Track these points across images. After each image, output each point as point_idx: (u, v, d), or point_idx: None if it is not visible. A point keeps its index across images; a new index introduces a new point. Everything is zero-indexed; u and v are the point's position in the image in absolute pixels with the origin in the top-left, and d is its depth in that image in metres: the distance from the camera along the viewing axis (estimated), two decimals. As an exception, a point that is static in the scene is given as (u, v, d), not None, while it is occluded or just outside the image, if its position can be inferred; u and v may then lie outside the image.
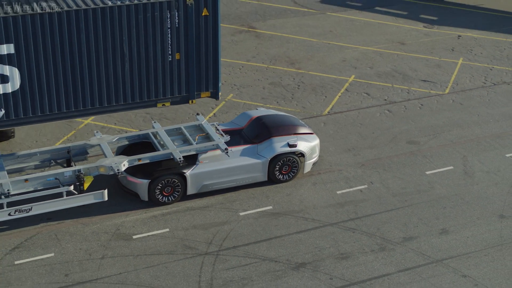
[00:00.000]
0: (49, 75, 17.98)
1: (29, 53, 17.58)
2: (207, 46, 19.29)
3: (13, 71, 17.63)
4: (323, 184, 20.07)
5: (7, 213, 17.48)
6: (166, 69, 19.13)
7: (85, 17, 17.73)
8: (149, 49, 18.69)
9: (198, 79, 19.56)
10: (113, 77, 18.64)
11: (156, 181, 18.67)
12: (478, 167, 20.96)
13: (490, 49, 28.82)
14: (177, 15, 18.60)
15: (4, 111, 17.94)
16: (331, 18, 31.67)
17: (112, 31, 18.12)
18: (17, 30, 17.26)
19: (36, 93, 18.06)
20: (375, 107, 24.20)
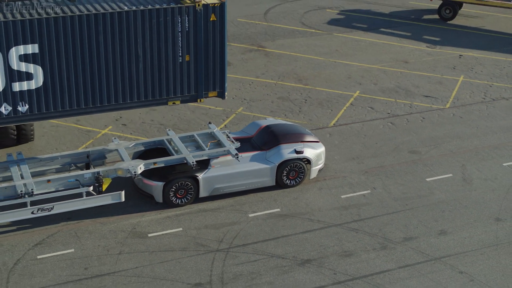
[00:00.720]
0: (69, 73, 19.46)
1: (52, 53, 19.07)
2: (214, 49, 20.72)
3: (37, 69, 19.09)
4: (328, 189, 21.14)
5: (30, 212, 18.61)
6: (177, 70, 20.57)
7: (103, 21, 19.26)
8: (161, 51, 20.17)
9: (206, 79, 20.96)
10: (128, 76, 20.09)
11: (171, 184, 19.80)
12: (476, 175, 22.01)
13: (490, 68, 29.98)
14: (187, 20, 20.11)
15: (27, 106, 19.34)
16: (338, 39, 32.94)
17: (127, 33, 19.64)
18: (41, 31, 18.74)
19: (58, 90, 19.51)
20: (379, 120, 25.33)
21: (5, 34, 18.43)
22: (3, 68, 18.70)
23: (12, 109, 19.22)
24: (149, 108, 25.73)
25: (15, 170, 19.25)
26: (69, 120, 24.92)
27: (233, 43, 32.06)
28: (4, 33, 18.40)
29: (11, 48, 18.61)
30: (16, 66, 18.81)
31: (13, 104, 19.16)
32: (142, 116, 25.29)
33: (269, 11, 36.42)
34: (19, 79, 18.96)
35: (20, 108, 19.31)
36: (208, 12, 20.15)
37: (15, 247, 18.36)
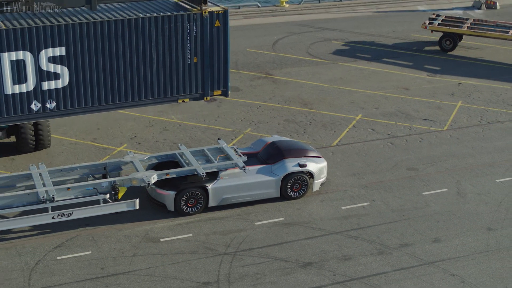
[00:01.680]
0: (92, 73, 22.07)
1: (77, 55, 21.72)
2: (218, 51, 23.35)
3: (63, 70, 21.73)
4: (329, 201, 22.47)
5: (51, 216, 20.00)
6: (186, 71, 23.19)
7: (122, 26, 21.91)
8: (172, 54, 22.81)
9: (212, 79, 23.54)
10: (143, 76, 22.72)
11: (182, 193, 21.19)
12: (470, 190, 23.29)
13: (487, 94, 31.41)
14: (195, 26, 22.79)
15: (55, 103, 21.88)
16: (342, 67, 34.52)
17: (143, 38, 22.31)
18: (68, 36, 21.37)
19: (82, 89, 22.15)
20: (379, 140, 26.72)
21: (36, 38, 21.05)
22: (34, 69, 21.34)
23: (41, 106, 21.87)
24: (162, 128, 27.30)
25: (38, 178, 20.70)
26: (86, 138, 26.47)
27: (242, 71, 33.69)
28: (36, 37, 21.02)
29: (41, 51, 21.27)
30: (45, 67, 21.49)
31: (42, 102, 21.81)
32: (156, 135, 26.79)
33: (277, 42, 38.10)
34: (47, 79, 21.64)
35: (48, 105, 21.98)
36: (213, 18, 22.89)
37: (37, 249, 19.72)
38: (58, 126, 27.33)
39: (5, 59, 21.03)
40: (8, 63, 21.09)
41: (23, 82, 21.48)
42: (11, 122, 22.22)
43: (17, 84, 21.42)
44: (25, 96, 21.69)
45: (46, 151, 25.27)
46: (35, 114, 21.92)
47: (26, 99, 21.76)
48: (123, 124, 27.76)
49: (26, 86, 21.60)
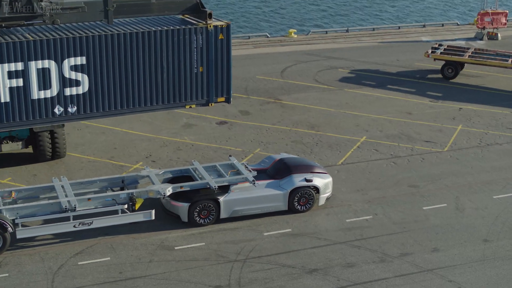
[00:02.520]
0: (109, 81, 24.53)
1: (96, 64, 24.18)
2: (222, 62, 25.78)
3: (83, 77, 24.21)
4: (334, 214, 23.74)
5: (73, 225, 21.35)
6: (193, 79, 25.64)
7: (136, 38, 24.47)
8: (180, 63, 25.31)
9: (216, 87, 25.95)
10: (154, 84, 25.19)
11: (195, 205, 22.51)
12: (468, 205, 24.52)
13: (487, 119, 32.75)
14: (201, 38, 25.29)
15: (76, 108, 24.20)
16: (348, 94, 35.97)
17: (155, 49, 24.81)
18: (88, 46, 23.80)
19: (100, 94, 24.55)
20: (382, 160, 28.05)
21: (60, 49, 23.50)
22: (57, 76, 23.78)
23: (63, 110, 24.26)
24: (176, 148, 28.71)
25: (60, 190, 22.10)
26: (104, 156, 27.90)
27: (252, 96, 35.18)
28: (59, 47, 23.47)
29: (64, 60, 23.76)
30: (67, 74, 23.97)
31: (64, 106, 24.19)
32: (170, 154, 28.19)
33: (286, 70, 39.64)
34: (69, 85, 24.13)
35: (70, 109, 24.41)
36: (217, 32, 25.36)
37: (59, 255, 21.04)
38: (77, 146, 28.79)
39: (32, 67, 23.57)
40: (35, 70, 23.60)
41: (48, 88, 24.04)
42: (37, 125, 24.65)
43: (42, 90, 24.00)
44: (49, 101, 24.23)
45: (66, 168, 26.67)
46: (58, 118, 24.42)
47: (50, 104, 24.26)
48: (138, 144, 29.18)
49: (51, 92, 24.17)
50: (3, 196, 21.99)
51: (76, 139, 29.52)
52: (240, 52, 43.19)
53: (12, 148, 26.36)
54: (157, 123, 31.48)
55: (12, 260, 20.70)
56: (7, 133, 25.94)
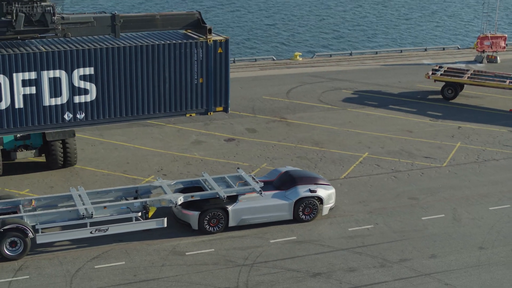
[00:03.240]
0: (115, 90, 26.35)
1: (103, 74, 26.02)
2: (220, 74, 27.54)
3: (91, 87, 26.05)
4: (337, 224, 24.96)
5: (89, 231, 22.62)
6: (193, 89, 27.38)
7: (140, 51, 26.34)
8: (181, 75, 27.09)
9: (215, 97, 27.68)
10: (157, 93, 26.96)
11: (205, 213, 23.77)
12: (465, 216, 25.72)
13: (485, 136, 34.02)
14: (201, 52, 27.16)
15: (84, 114, 25.93)
16: (351, 113, 37.31)
17: (158, 61, 26.59)
18: (96, 58, 25.66)
19: (106, 103, 26.36)
20: (383, 174, 29.30)
21: (70, 60, 25.39)
22: (67, 85, 25.61)
23: (72, 116, 25.97)
24: (186, 163, 30.02)
25: (78, 198, 23.41)
26: (117, 170, 29.21)
27: (258, 115, 36.54)
28: (70, 58, 25.37)
29: (74, 70, 25.58)
30: (77, 83, 25.82)
31: (73, 113, 25.98)
32: (180, 168, 29.49)
33: (291, 91, 41.03)
34: (78, 94, 25.97)
35: (78, 116, 26.14)
36: (216, 46, 27.24)
37: (76, 259, 22.27)
38: (91, 160, 30.13)
39: (44, 76, 25.36)
40: (46, 79, 25.41)
41: (59, 96, 25.78)
42: (48, 129, 26.49)
43: (53, 97, 25.71)
44: (59, 107, 25.91)
45: (81, 181, 27.96)
46: (67, 123, 26.16)
47: (60, 110, 25.93)
48: (150, 159, 30.50)
49: (61, 99, 25.84)
50: (24, 204, 23.31)
51: (90, 154, 30.86)
52: (247, 74, 44.70)
53: (26, 156, 28.32)
54: (168, 139, 32.83)
55: (32, 264, 21.94)
56: (22, 141, 28.00)
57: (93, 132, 33.24)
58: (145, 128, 34.04)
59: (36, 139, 28.23)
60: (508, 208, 26.51)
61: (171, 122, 34.79)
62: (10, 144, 28.05)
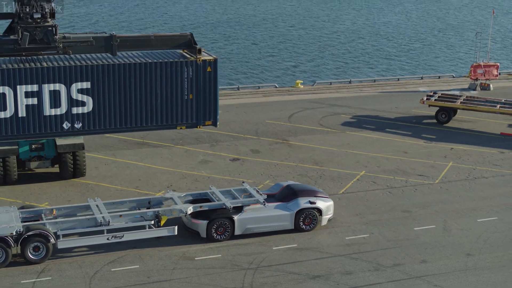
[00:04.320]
0: (110, 103, 29.03)
1: (99, 88, 28.76)
2: (209, 91, 29.96)
3: (88, 99, 28.72)
4: (335, 233, 26.86)
5: (106, 238, 24.54)
6: (183, 104, 29.82)
7: (134, 68, 28.91)
8: (173, 91, 29.63)
9: (204, 112, 30.01)
10: (150, 107, 29.46)
11: (213, 223, 25.69)
12: (455, 227, 27.62)
13: (476, 157, 36.02)
14: (191, 70, 29.73)
15: (81, 124, 28.52)
16: (349, 136, 39.36)
17: (150, 78, 29.19)
18: (93, 73, 28.39)
19: (102, 114, 29.03)
20: (379, 190, 31.26)
21: (69, 75, 28.05)
22: (66, 97, 28.33)
23: (70, 125, 28.61)
24: (194, 180, 32.00)
25: (95, 208, 25.38)
26: (130, 186, 31.19)
27: (262, 138, 38.59)
28: (69, 73, 28.04)
29: (73, 84, 28.30)
30: (75, 96, 28.57)
31: (71, 122, 28.64)
32: (188, 185, 31.46)
33: (293, 116, 43.14)
34: (76, 105, 28.72)
35: (76, 125, 28.92)
36: (206, 65, 29.78)
37: (94, 263, 24.17)
38: (105, 177, 32.12)
39: (45, 89, 28.08)
40: (47, 92, 28.10)
41: (58, 106, 28.42)
42: (48, 137, 29.28)
43: (53, 108, 28.36)
44: (59, 117, 28.53)
45: (97, 195, 29.77)
46: (65, 132, 28.85)
47: (59, 120, 28.56)
48: (160, 176, 32.50)
49: (60, 110, 28.49)
50: (46, 213, 25.27)
51: (104, 172, 32.87)
52: (251, 100, 46.90)
53: (40, 166, 31.01)
54: (176, 159, 34.85)
55: (54, 267, 23.84)
56: (36, 152, 30.66)
57: (106, 152, 35.31)
58: (155, 149, 36.09)
59: (50, 151, 30.83)
60: (495, 220, 28.40)
61: (179, 144, 36.87)
62: (26, 154, 30.69)
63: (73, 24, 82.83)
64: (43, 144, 30.60)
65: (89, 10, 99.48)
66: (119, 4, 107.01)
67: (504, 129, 41.10)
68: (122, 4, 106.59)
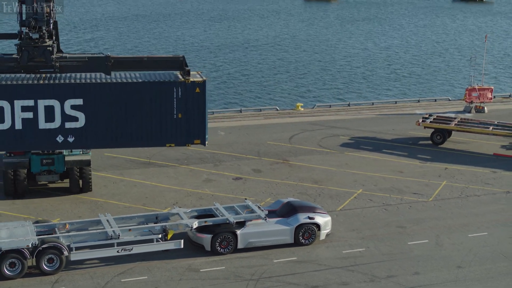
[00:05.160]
0: (102, 119, 30.74)
1: (91, 105, 30.71)
2: (198, 110, 31.21)
3: (81, 115, 30.57)
4: (333, 247, 28.32)
5: (116, 251, 26.00)
6: (173, 123, 31.40)
7: (125, 87, 30.79)
8: (162, 110, 31.17)
9: (192, 131, 31.41)
10: (139, 125, 31.12)
11: (217, 237, 27.16)
12: (447, 241, 29.07)
13: (469, 176, 37.53)
14: (180, 90, 31.34)
15: (74, 138, 30.43)
16: (348, 156, 40.90)
17: (141, 97, 30.80)
18: (85, 91, 30.49)
19: (93, 130, 30.93)
20: (375, 207, 32.75)
21: (63, 92, 30.16)
22: (60, 113, 30.32)
23: (64, 139, 30.56)
24: (198, 197, 33.50)
25: (106, 223, 26.88)
26: (138, 203, 32.69)
27: (263, 158, 40.13)
28: (62, 90, 30.15)
29: (66, 100, 30.23)
30: (68, 112, 30.53)
31: (64, 136, 30.58)
32: (193, 202, 32.95)
33: (293, 137, 44.71)
34: (69, 120, 30.61)
35: (69, 139, 30.82)
36: (194, 86, 31.37)
37: (105, 274, 25.62)
38: (114, 195, 33.63)
39: (40, 104, 30.22)
40: (42, 107, 30.21)
41: (52, 121, 30.45)
42: (43, 149, 31.53)
43: (47, 122, 30.39)
44: (52, 131, 30.49)
45: (106, 212, 31.19)
46: (59, 145, 30.82)
47: (53, 134, 30.50)
48: (166, 194, 34.02)
49: (54, 124, 30.46)
50: (59, 228, 26.76)
51: (112, 190, 34.38)
52: (253, 122, 48.52)
53: (48, 179, 32.96)
54: (181, 178, 36.37)
55: (67, 278, 25.29)
56: (47, 167, 32.48)
57: (114, 171, 36.84)
58: (161, 168, 37.63)
59: (59, 166, 32.57)
60: (486, 235, 29.85)
61: (184, 163, 38.42)
62: (37, 168, 32.51)
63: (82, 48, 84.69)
64: (53, 159, 32.49)
65: (97, 35, 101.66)
66: (127, 29, 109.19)
67: (497, 150, 42.57)
68: (130, 29, 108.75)
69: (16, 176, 32.16)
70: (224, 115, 50.92)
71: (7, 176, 32.12)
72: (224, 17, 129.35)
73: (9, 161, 31.99)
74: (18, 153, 31.93)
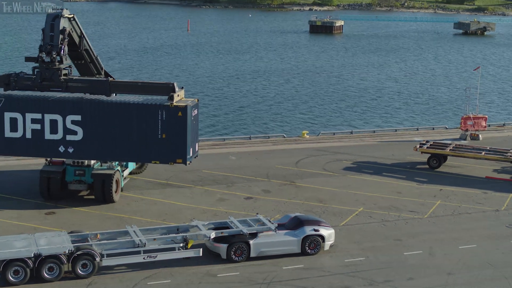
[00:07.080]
0: (97, 134, 34.63)
1: (88, 121, 34.93)
2: (180, 132, 34.25)
3: (79, 129, 34.89)
4: (336, 257, 31.47)
5: (142, 257, 29.19)
6: (158, 142, 34.81)
7: (117, 107, 34.56)
8: (148, 130, 34.66)
9: (175, 150, 34.52)
10: (128, 142, 34.66)
11: (232, 246, 30.35)
12: (439, 252, 32.19)
13: (462, 196, 40.70)
14: (164, 113, 34.25)
15: (73, 149, 34.95)
16: (350, 179, 44.13)
17: (129, 116, 34.45)
18: (83, 108, 34.46)
19: (90, 143, 34.97)
20: (375, 223, 35.91)
21: (65, 108, 34.29)
22: (62, 126, 34.44)
23: (65, 149, 34.74)
24: (213, 214, 36.68)
25: (133, 233, 30.10)
26: (158, 219, 35.90)
27: (272, 180, 43.37)
28: (65, 107, 34.24)
29: (67, 116, 34.44)
30: (69, 126, 34.82)
31: (65, 147, 34.79)
32: (209, 218, 36.06)
33: (299, 161, 47.99)
34: (69, 134, 34.88)
35: (69, 150, 34.97)
36: (177, 110, 34.55)
37: (133, 278, 28.77)
38: (136, 212, 36.85)
39: (47, 118, 34.61)
40: (48, 120, 34.58)
41: (55, 133, 34.74)
42: (47, 157, 36.86)
43: (52, 134, 34.73)
44: (55, 142, 34.79)
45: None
46: (61, 154, 35.03)
47: (56, 144, 34.77)
48: (183, 211, 37.23)
49: (57, 136, 34.75)
50: (91, 237, 29.96)
51: (134, 208, 37.62)
52: (262, 148, 51.86)
53: (78, 188, 37.38)
54: (197, 198, 39.60)
55: (99, 281, 28.44)
56: (78, 177, 36.84)
57: (135, 191, 40.06)
58: (178, 189, 40.87)
59: (88, 177, 36.71)
60: (475, 247, 32.95)
61: (199, 184, 41.67)
62: (70, 177, 37.03)
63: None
64: (84, 171, 36.75)
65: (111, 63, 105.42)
66: (139, 59, 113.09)
67: (489, 173, 45.76)
68: (142, 59, 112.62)
69: (52, 182, 36.79)
70: (234, 142, 54.35)
71: (43, 180, 37.12)
72: (233, 49, 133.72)
73: (47, 170, 37.07)
74: (55, 163, 36.83)
